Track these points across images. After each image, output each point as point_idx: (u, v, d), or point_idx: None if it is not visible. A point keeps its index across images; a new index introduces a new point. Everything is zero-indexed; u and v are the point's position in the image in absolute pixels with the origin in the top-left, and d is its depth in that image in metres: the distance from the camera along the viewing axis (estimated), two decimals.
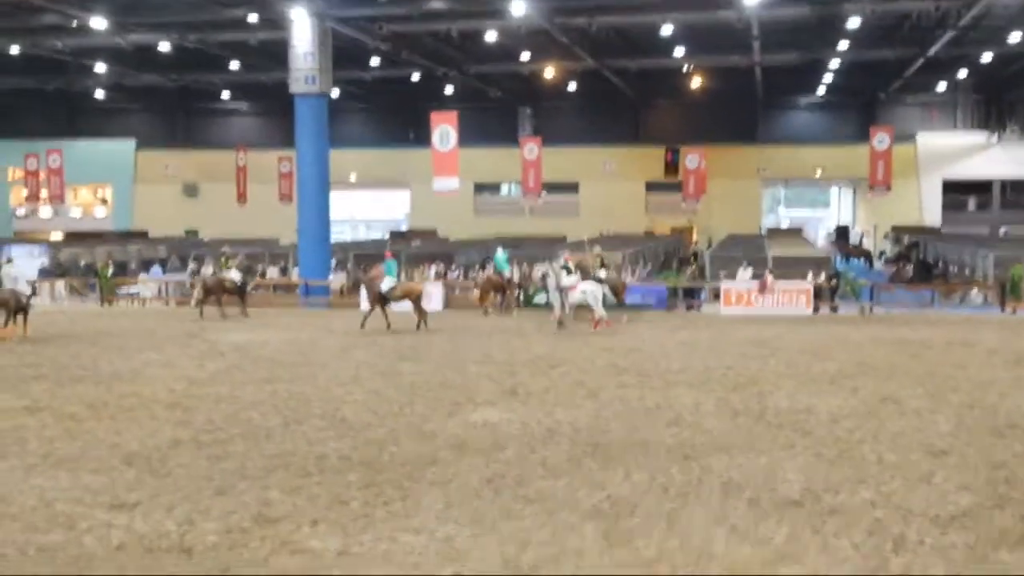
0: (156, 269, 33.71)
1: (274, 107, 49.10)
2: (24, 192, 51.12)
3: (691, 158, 45.81)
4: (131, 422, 11.50)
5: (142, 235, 48.43)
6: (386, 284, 21.45)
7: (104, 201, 55.94)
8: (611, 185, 51.37)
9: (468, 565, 6.79)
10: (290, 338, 20.00)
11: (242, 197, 49.88)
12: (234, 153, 50.21)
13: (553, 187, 48.43)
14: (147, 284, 32.28)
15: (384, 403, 12.67)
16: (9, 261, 25.58)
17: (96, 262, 34.02)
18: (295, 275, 30.74)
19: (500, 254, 26.29)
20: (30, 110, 52.73)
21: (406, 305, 22.03)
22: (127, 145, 54.64)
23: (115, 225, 52.97)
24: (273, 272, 32.16)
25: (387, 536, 7.40)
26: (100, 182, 54.91)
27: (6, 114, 52.82)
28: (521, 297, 26.76)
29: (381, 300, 21.48)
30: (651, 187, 52.08)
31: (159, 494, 8.50)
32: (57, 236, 49.60)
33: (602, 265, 23.63)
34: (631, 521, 7.71)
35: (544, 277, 22.20)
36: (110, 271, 31.49)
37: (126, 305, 30.07)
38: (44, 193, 48.72)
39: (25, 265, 30.61)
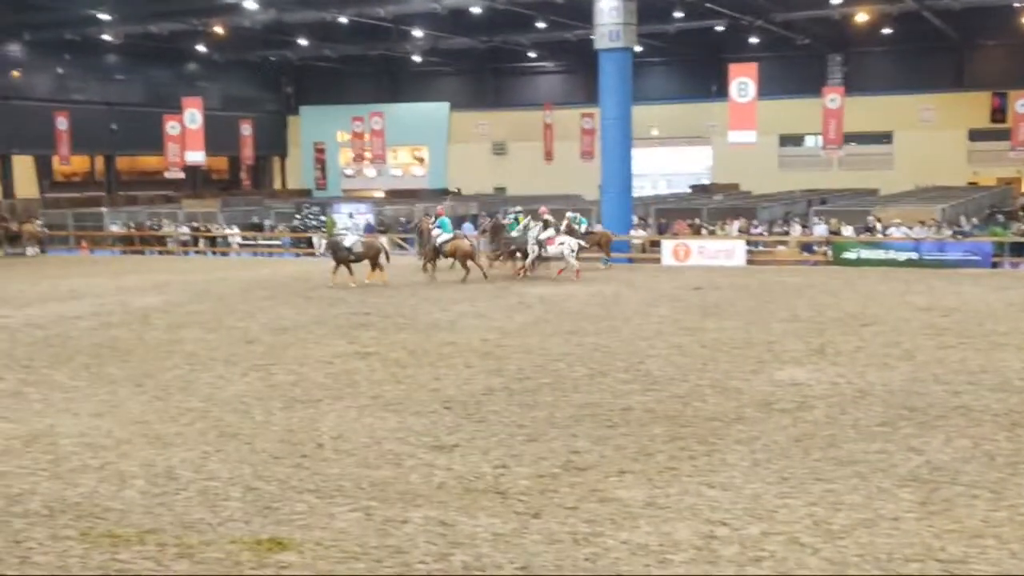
0: (468, 225, 35.18)
1: (578, 65, 49.66)
2: (351, 153, 55.04)
3: (1022, 103, 41.99)
4: (449, 369, 12.22)
5: (455, 192, 50.77)
6: (440, 239, 23.17)
7: (421, 160, 59.09)
8: (929, 134, 48.07)
9: (776, 524, 6.72)
10: (593, 292, 20.39)
11: (548, 155, 51.09)
12: (540, 112, 51.44)
13: (864, 138, 46.00)
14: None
15: (687, 358, 12.70)
16: (351, 216, 28.59)
17: (414, 219, 36.03)
18: (598, 230, 31.12)
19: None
20: (356, 76, 56.48)
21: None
22: (442, 107, 57.37)
23: (431, 183, 55.83)
24: None
25: (693, 490, 7.46)
26: (418, 143, 58.02)
27: (336, 81, 56.89)
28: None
29: (435, 253, 23.25)
30: (975, 135, 48.26)
31: (475, 438, 9.02)
32: (380, 194, 52.95)
33: (545, 225, 23.64)
34: (952, 489, 7.34)
35: (525, 229, 23.70)
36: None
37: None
38: (368, 154, 52.17)
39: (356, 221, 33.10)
